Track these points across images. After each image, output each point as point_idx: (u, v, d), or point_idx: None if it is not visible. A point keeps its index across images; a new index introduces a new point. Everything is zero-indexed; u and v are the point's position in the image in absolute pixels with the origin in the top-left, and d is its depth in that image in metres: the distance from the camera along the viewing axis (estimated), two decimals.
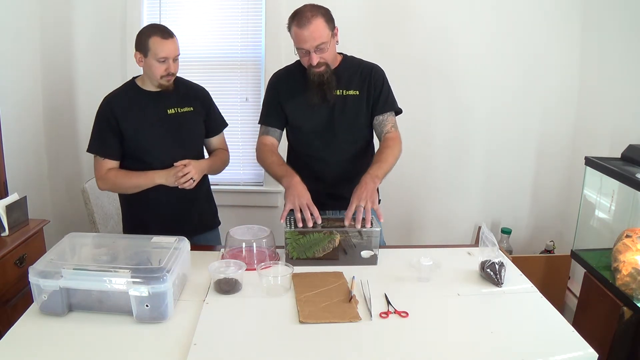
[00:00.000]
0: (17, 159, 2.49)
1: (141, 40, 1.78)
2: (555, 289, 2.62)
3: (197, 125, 1.96)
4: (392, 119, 1.91)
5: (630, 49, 2.36)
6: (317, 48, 1.72)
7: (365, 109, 1.89)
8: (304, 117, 1.90)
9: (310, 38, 1.70)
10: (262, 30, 2.77)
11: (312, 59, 1.73)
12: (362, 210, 1.63)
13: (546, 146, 2.90)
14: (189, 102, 1.93)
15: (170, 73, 1.81)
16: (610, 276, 1.84)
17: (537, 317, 1.39)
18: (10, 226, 1.90)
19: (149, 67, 1.80)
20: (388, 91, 1.90)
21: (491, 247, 1.60)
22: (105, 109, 1.85)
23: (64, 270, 1.28)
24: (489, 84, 2.80)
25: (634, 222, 1.95)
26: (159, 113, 1.87)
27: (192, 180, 1.80)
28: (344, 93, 1.86)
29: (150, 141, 1.86)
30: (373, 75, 1.87)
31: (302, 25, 1.69)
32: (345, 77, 1.87)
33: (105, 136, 1.84)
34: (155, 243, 1.50)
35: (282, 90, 1.91)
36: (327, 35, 1.72)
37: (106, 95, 1.89)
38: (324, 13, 1.73)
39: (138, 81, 1.90)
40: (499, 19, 2.73)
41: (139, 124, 1.84)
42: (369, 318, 1.35)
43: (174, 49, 1.80)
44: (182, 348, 1.20)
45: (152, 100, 1.87)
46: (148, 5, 2.76)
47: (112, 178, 1.85)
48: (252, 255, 1.64)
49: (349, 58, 1.93)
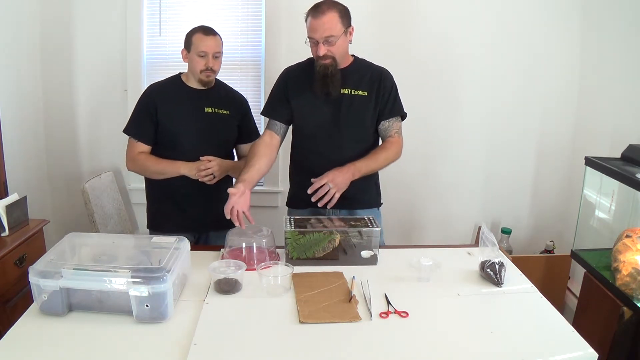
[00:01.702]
0: (17, 159, 2.49)
1: (187, 38, 1.93)
2: (555, 289, 2.62)
3: (230, 128, 2.06)
4: (397, 124, 1.93)
5: (630, 49, 2.36)
6: (326, 40, 1.75)
7: (372, 110, 1.90)
8: (310, 112, 1.91)
9: (321, 28, 1.73)
10: (262, 30, 2.77)
11: (320, 49, 1.76)
12: (328, 191, 1.67)
13: (546, 146, 2.90)
14: (227, 105, 2.03)
15: (210, 68, 1.91)
16: (610, 276, 1.84)
17: (537, 317, 1.39)
18: (10, 226, 1.90)
19: (191, 61, 1.93)
20: (395, 97, 1.92)
21: (491, 247, 1.61)
22: (147, 95, 1.97)
23: (64, 270, 1.28)
24: (489, 84, 2.80)
25: (634, 222, 1.95)
26: (196, 109, 1.96)
27: (212, 176, 1.88)
28: (352, 92, 1.87)
29: (182, 134, 1.95)
30: (383, 80, 1.89)
31: (316, 15, 1.74)
32: (355, 77, 1.89)
33: (142, 121, 1.95)
34: (155, 243, 1.50)
35: (291, 84, 1.93)
36: (339, 30, 1.75)
37: (151, 84, 2.03)
38: (340, 9, 1.77)
39: (183, 77, 2.01)
40: (498, 19, 2.73)
41: (175, 115, 1.94)
42: (369, 318, 1.35)
43: (214, 45, 1.91)
44: (182, 348, 1.20)
45: (192, 96, 1.97)
46: (148, 5, 2.76)
47: (142, 160, 1.94)
48: (252, 255, 1.64)
49: (360, 60, 1.95)
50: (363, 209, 1.95)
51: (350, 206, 1.93)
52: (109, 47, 2.78)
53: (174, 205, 2.02)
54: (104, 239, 1.69)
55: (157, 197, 2.07)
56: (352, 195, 1.87)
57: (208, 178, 1.88)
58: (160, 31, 2.78)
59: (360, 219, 1.76)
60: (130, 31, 2.75)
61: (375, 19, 2.69)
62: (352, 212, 1.94)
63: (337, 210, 1.93)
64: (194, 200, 2.00)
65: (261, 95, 2.86)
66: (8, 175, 2.07)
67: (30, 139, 2.71)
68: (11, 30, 2.51)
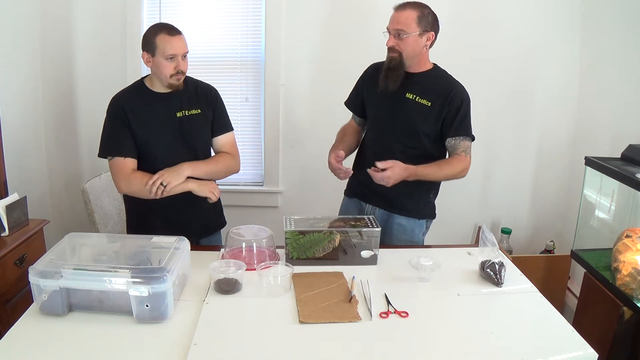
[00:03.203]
0: (17, 159, 2.49)
1: (148, 39, 1.73)
2: (555, 289, 2.62)
3: (204, 128, 1.90)
4: (465, 144, 1.89)
5: (630, 49, 2.36)
6: (397, 33, 1.78)
7: (433, 123, 1.87)
8: (374, 106, 1.98)
9: (395, 21, 1.78)
10: (262, 30, 2.77)
11: (389, 40, 1.81)
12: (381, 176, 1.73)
13: (546, 146, 2.90)
14: (197, 103, 1.87)
15: (180, 71, 1.75)
16: (610, 276, 1.84)
17: (537, 317, 1.40)
18: (10, 226, 1.90)
19: (158, 66, 1.73)
20: (464, 116, 1.87)
21: (491, 247, 1.61)
22: (115, 108, 1.80)
23: (64, 270, 1.27)
24: (489, 84, 2.80)
25: (634, 222, 1.95)
26: (167, 116, 1.81)
27: (161, 186, 1.69)
28: (416, 99, 1.86)
29: (158, 144, 1.81)
30: (453, 95, 1.85)
31: (398, 9, 1.80)
32: (424, 85, 1.87)
33: (121, 135, 1.77)
34: (155, 243, 1.49)
35: (367, 78, 2.01)
36: (412, 28, 1.77)
37: (114, 95, 1.84)
38: (422, 10, 1.79)
39: (147, 82, 1.84)
40: (498, 18, 2.73)
41: (147, 125, 1.79)
42: (369, 318, 1.35)
43: (182, 46, 1.74)
44: (182, 348, 1.20)
45: (161, 102, 1.81)
46: (148, 5, 2.76)
47: (138, 179, 1.74)
48: (252, 255, 1.64)
49: (438, 70, 1.93)
50: (402, 215, 1.96)
51: (390, 209, 1.96)
52: (109, 47, 2.78)
53: (155, 214, 1.86)
54: (104, 239, 1.68)
55: (138, 210, 1.91)
56: (394, 198, 1.88)
57: (159, 190, 1.69)
58: None
59: (360, 219, 1.76)
60: (130, 31, 2.75)
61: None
62: (390, 215, 1.97)
63: (376, 209, 1.98)
64: (178, 210, 1.86)
65: (261, 95, 2.86)
66: (8, 175, 2.07)
67: (30, 139, 2.71)
68: (11, 30, 2.51)
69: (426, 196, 2.01)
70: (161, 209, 1.83)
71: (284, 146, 2.91)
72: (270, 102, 2.84)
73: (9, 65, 2.51)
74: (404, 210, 1.96)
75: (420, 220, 2.01)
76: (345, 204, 2.12)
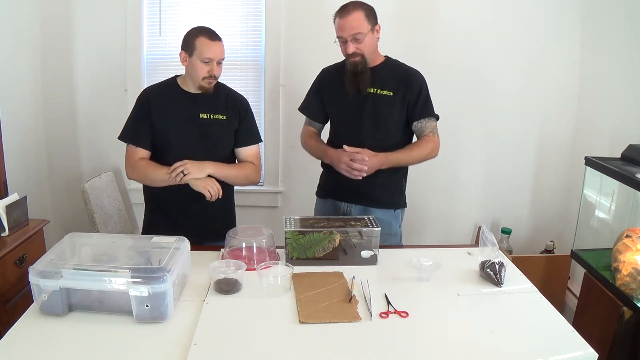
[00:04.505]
0: (17, 159, 2.49)
1: (188, 40, 1.80)
2: (555, 289, 2.62)
3: (225, 134, 1.92)
4: (431, 124, 1.96)
5: (630, 49, 2.36)
6: (354, 37, 1.81)
7: (398, 111, 1.93)
8: (338, 108, 2.00)
9: (348, 27, 1.80)
10: (262, 30, 2.77)
11: (348, 47, 1.82)
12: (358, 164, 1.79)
13: (546, 146, 2.90)
14: (224, 110, 1.91)
15: (213, 75, 1.82)
16: (610, 276, 1.84)
17: (537, 317, 1.39)
18: (10, 226, 1.90)
19: (193, 67, 1.80)
20: (426, 98, 1.94)
21: (491, 247, 1.60)
22: (142, 99, 1.89)
23: (64, 270, 1.27)
24: (489, 84, 2.80)
25: (634, 222, 1.95)
26: (191, 115, 1.87)
27: (182, 174, 1.74)
28: (378, 92, 1.91)
29: (176, 140, 1.86)
30: (410, 81, 1.92)
31: (343, 15, 1.81)
32: (382, 77, 1.92)
33: (139, 125, 1.86)
34: (155, 243, 1.50)
35: (325, 83, 2.04)
36: (365, 28, 1.81)
37: (146, 87, 1.94)
38: (365, 8, 1.83)
39: (179, 80, 1.91)
40: (498, 18, 2.73)
41: (169, 121, 1.86)
42: (369, 318, 1.35)
43: (220, 52, 1.82)
44: (182, 348, 1.20)
45: (188, 101, 1.88)
46: (148, 5, 2.76)
47: (143, 167, 1.84)
48: (252, 255, 1.64)
49: (391, 60, 1.98)
50: (379, 208, 1.98)
51: (367, 203, 1.97)
52: (109, 47, 2.78)
53: (166, 216, 1.93)
54: (104, 239, 1.69)
55: (150, 207, 1.99)
56: (369, 191, 1.89)
57: (179, 177, 1.74)
58: (160, 31, 2.78)
59: (360, 218, 1.76)
60: (130, 31, 2.76)
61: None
62: (367, 210, 1.97)
63: (352, 206, 1.99)
64: (187, 212, 1.90)
65: (261, 95, 2.86)
66: (8, 175, 2.07)
67: (30, 139, 2.71)
68: (11, 30, 2.51)
69: (399, 184, 2.05)
70: (172, 210, 1.91)
71: (284, 146, 2.91)
72: (270, 102, 2.85)
73: (9, 65, 2.51)
74: (379, 203, 1.99)
75: (395, 212, 2.05)
76: (320, 205, 2.13)
